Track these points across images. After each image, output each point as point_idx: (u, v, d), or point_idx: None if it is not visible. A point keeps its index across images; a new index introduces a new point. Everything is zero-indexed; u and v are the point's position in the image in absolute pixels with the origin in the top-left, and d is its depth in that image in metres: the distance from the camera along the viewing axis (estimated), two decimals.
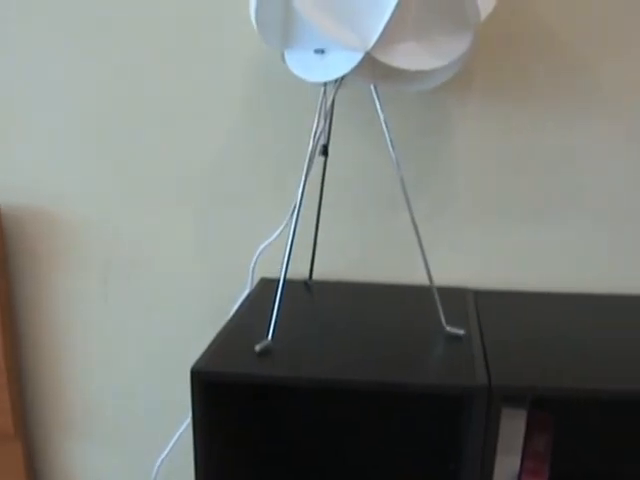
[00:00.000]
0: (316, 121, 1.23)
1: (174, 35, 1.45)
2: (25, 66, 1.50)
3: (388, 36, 1.07)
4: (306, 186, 1.21)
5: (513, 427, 1.23)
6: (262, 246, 1.47)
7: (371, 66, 1.12)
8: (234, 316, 1.33)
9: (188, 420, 1.22)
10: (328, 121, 1.32)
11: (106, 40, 1.47)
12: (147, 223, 1.56)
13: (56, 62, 1.49)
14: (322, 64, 1.16)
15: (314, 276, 1.50)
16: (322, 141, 1.31)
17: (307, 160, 1.21)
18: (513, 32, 1.37)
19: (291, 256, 1.20)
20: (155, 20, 1.45)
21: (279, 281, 1.18)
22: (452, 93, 1.42)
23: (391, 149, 1.20)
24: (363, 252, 1.52)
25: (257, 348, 1.16)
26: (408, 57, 1.11)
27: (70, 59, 1.49)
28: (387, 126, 1.20)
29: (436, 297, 1.22)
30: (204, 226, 1.55)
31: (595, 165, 1.42)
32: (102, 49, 1.48)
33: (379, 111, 1.19)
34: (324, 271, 1.51)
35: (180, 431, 1.57)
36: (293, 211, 1.23)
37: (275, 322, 1.18)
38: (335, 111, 1.40)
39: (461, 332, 1.23)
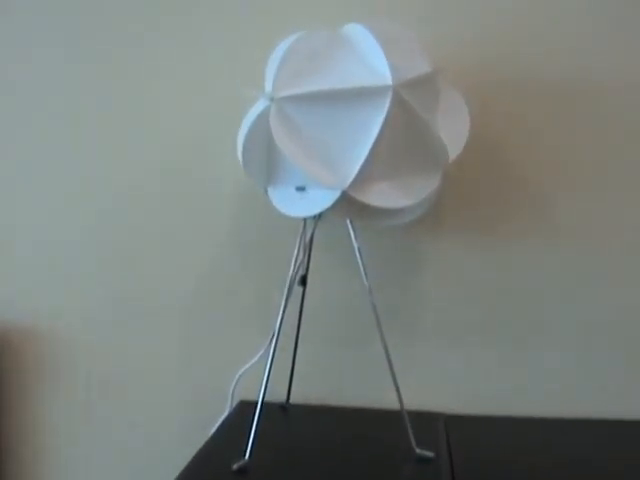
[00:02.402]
0: (295, 253, 1.32)
1: (168, 169, 1.57)
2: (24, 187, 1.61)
3: (363, 177, 1.16)
4: (285, 313, 1.28)
5: None
6: (241, 370, 1.52)
7: (347, 203, 1.19)
8: (213, 436, 1.37)
9: None
10: (307, 253, 1.40)
11: (103, 169, 1.59)
12: (130, 346, 1.62)
13: (55, 184, 1.61)
14: (302, 201, 1.24)
15: (291, 399, 1.54)
16: (301, 272, 1.39)
17: (286, 289, 1.29)
18: (480, 171, 1.48)
19: (269, 380, 1.26)
20: (153, 153, 1.57)
21: (257, 404, 1.24)
22: (424, 226, 1.51)
23: (365, 278, 1.28)
24: (338, 377, 1.57)
25: (234, 467, 1.20)
26: (381, 196, 1.20)
27: (70, 182, 1.60)
28: (361, 257, 1.28)
29: (406, 421, 1.27)
30: (186, 349, 1.60)
31: (559, 295, 1.50)
32: (99, 175, 1.59)
33: (354, 243, 1.28)
34: (301, 395, 1.55)
35: None
36: (272, 337, 1.30)
37: (252, 443, 1.22)
38: (314, 242, 1.48)
39: (430, 454, 1.27)
